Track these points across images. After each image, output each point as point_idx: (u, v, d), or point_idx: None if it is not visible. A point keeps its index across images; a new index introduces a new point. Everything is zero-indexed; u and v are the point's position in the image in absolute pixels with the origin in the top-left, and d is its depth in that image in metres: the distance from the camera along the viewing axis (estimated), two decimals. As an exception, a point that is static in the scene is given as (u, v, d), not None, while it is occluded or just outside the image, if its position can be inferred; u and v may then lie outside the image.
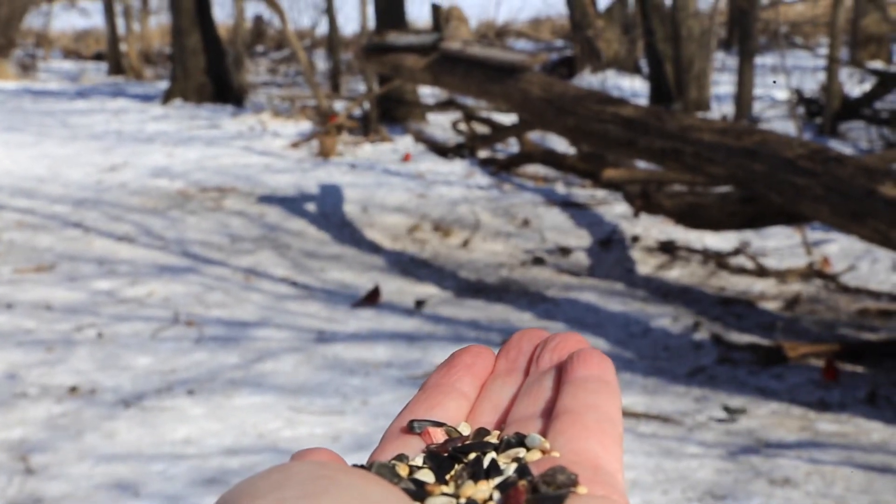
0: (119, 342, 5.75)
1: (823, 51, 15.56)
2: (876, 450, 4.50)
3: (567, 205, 9.48)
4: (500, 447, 0.57)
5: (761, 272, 7.29)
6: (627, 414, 4.80)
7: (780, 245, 8.03)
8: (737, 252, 7.62)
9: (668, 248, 7.93)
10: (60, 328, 5.96)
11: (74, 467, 4.20)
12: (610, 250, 8.09)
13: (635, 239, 8.22)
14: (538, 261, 7.83)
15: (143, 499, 3.95)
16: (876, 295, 6.79)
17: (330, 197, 9.52)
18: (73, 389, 5.02)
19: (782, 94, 14.34)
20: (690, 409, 4.96)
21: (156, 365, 5.41)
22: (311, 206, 9.23)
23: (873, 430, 4.70)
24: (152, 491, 4.02)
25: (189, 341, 5.79)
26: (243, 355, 5.57)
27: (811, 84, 14.16)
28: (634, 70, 18.08)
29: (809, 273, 7.19)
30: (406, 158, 11.36)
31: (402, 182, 10.19)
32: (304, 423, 4.69)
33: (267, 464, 4.29)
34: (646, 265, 7.69)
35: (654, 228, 8.52)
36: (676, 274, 7.47)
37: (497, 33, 23.65)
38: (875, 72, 12.90)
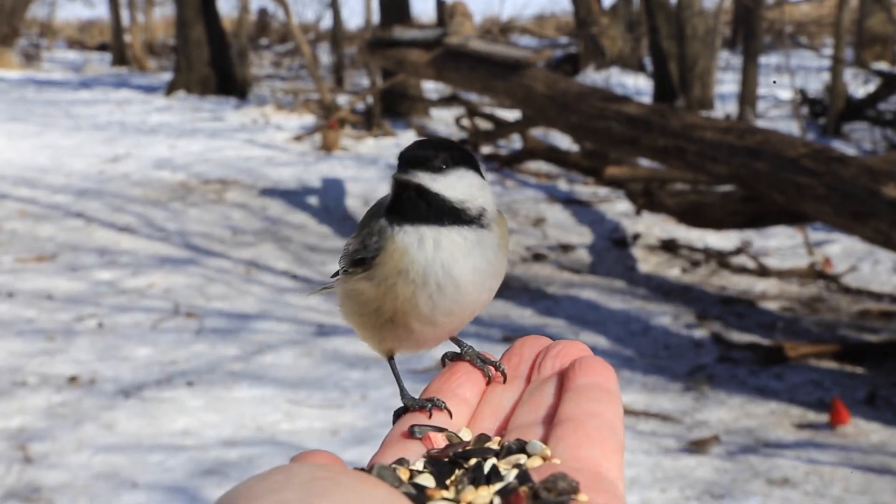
0: (119, 333, 5.75)
1: (828, 51, 15.53)
2: (874, 450, 4.50)
3: (569, 202, 9.47)
4: (501, 453, 0.57)
5: (763, 272, 7.28)
6: (627, 412, 4.80)
7: (781, 245, 8.02)
8: (738, 251, 7.62)
9: (670, 247, 7.92)
10: (61, 318, 5.96)
11: (73, 457, 4.21)
12: (619, 249, 8.08)
13: (637, 237, 8.22)
14: (540, 257, 7.83)
15: (141, 489, 3.96)
16: (877, 296, 6.78)
17: (332, 191, 9.52)
18: (73, 379, 5.03)
19: (786, 94, 14.32)
20: (690, 407, 4.96)
21: (156, 356, 5.42)
22: (313, 200, 9.23)
23: (872, 431, 4.70)
24: (150, 481, 4.03)
25: (189, 333, 5.79)
26: (243, 347, 5.58)
27: (815, 84, 14.14)
28: (638, 68, 18.07)
29: (811, 273, 7.19)
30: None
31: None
32: (303, 416, 4.69)
33: (265, 456, 4.30)
34: (647, 263, 7.68)
35: (656, 227, 8.52)
36: (677, 272, 7.47)
37: (501, 29, 23.62)
38: (880, 73, 12.88)
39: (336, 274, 1.01)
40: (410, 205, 0.91)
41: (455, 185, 0.93)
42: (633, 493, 4.02)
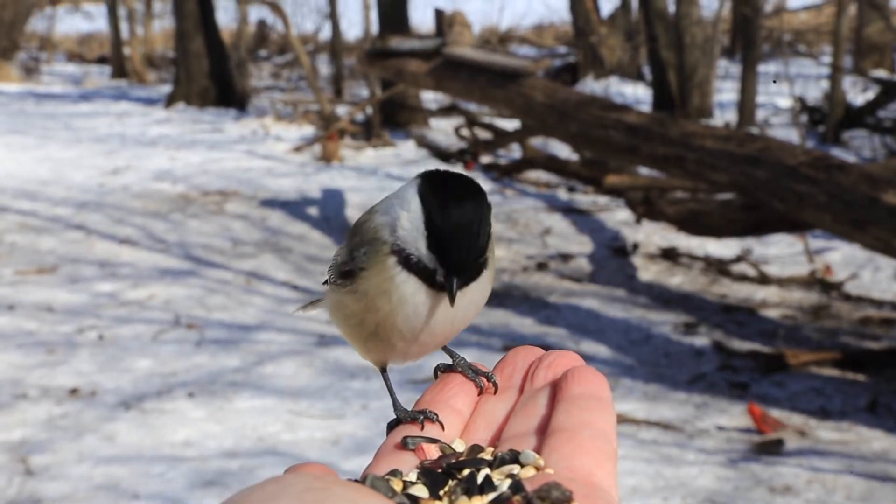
0: (120, 344, 5.75)
1: (827, 59, 15.56)
2: (877, 458, 4.50)
3: (569, 211, 9.48)
4: (495, 463, 0.57)
5: (763, 280, 7.28)
6: (628, 420, 4.80)
7: (782, 253, 8.02)
8: (739, 259, 7.62)
9: (670, 255, 7.92)
10: (62, 330, 5.96)
11: (74, 468, 4.21)
12: (619, 258, 8.08)
13: (636, 245, 8.22)
14: (540, 266, 7.83)
15: (142, 500, 3.95)
16: (878, 303, 6.78)
17: (332, 201, 9.52)
18: (74, 391, 5.03)
19: (785, 102, 14.34)
20: (691, 415, 4.96)
21: (156, 367, 5.42)
22: (313, 211, 9.24)
23: (874, 439, 4.69)
24: (151, 492, 4.02)
25: (190, 344, 5.79)
26: (244, 358, 5.57)
27: (814, 92, 14.16)
28: (637, 77, 18.08)
29: (811, 281, 7.19)
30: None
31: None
32: (304, 426, 4.69)
33: (266, 467, 4.29)
34: (647, 272, 7.68)
35: (656, 235, 8.52)
36: (678, 281, 7.46)
37: (500, 39, 23.66)
38: (878, 80, 12.89)
39: (326, 282, 1.01)
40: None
41: (486, 244, 0.86)
42: (634, 501, 4.01)
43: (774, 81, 14.28)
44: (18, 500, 3.96)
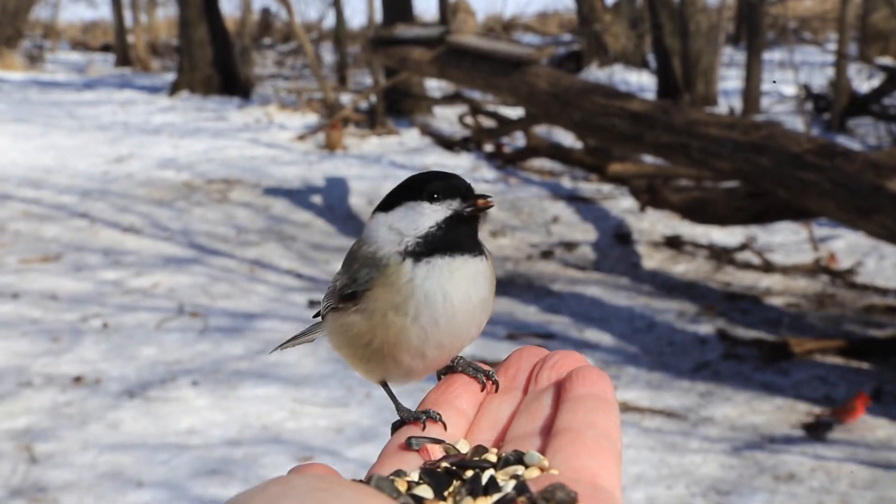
0: (124, 332, 5.76)
1: (832, 46, 15.50)
2: (881, 446, 4.49)
3: (573, 199, 9.46)
4: (499, 464, 0.57)
5: (767, 268, 7.27)
6: (632, 409, 4.80)
7: (786, 241, 8.01)
8: (743, 247, 7.61)
9: (674, 243, 7.91)
10: (66, 318, 5.97)
11: (78, 456, 4.22)
12: (623, 246, 8.07)
13: (640, 234, 8.21)
14: (544, 254, 7.82)
15: (146, 488, 3.96)
16: (882, 291, 6.77)
17: (336, 189, 9.52)
18: (78, 379, 5.04)
19: (790, 90, 14.30)
20: (695, 404, 4.96)
21: (161, 355, 5.42)
22: (316, 199, 9.23)
23: (878, 427, 4.69)
24: (155, 480, 4.03)
25: (194, 332, 5.80)
26: (248, 346, 5.58)
27: (819, 80, 14.12)
28: (642, 65, 18.04)
29: (816, 269, 7.17)
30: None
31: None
32: (308, 414, 4.69)
33: (270, 455, 4.30)
34: (651, 260, 7.67)
35: (660, 223, 8.51)
36: (682, 269, 7.46)
37: (504, 27, 23.59)
38: (884, 68, 12.85)
39: (317, 315, 1.02)
40: (471, 232, 0.92)
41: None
42: (638, 489, 4.01)
43: (774, 82, 14.23)
44: (23, 487, 3.97)
